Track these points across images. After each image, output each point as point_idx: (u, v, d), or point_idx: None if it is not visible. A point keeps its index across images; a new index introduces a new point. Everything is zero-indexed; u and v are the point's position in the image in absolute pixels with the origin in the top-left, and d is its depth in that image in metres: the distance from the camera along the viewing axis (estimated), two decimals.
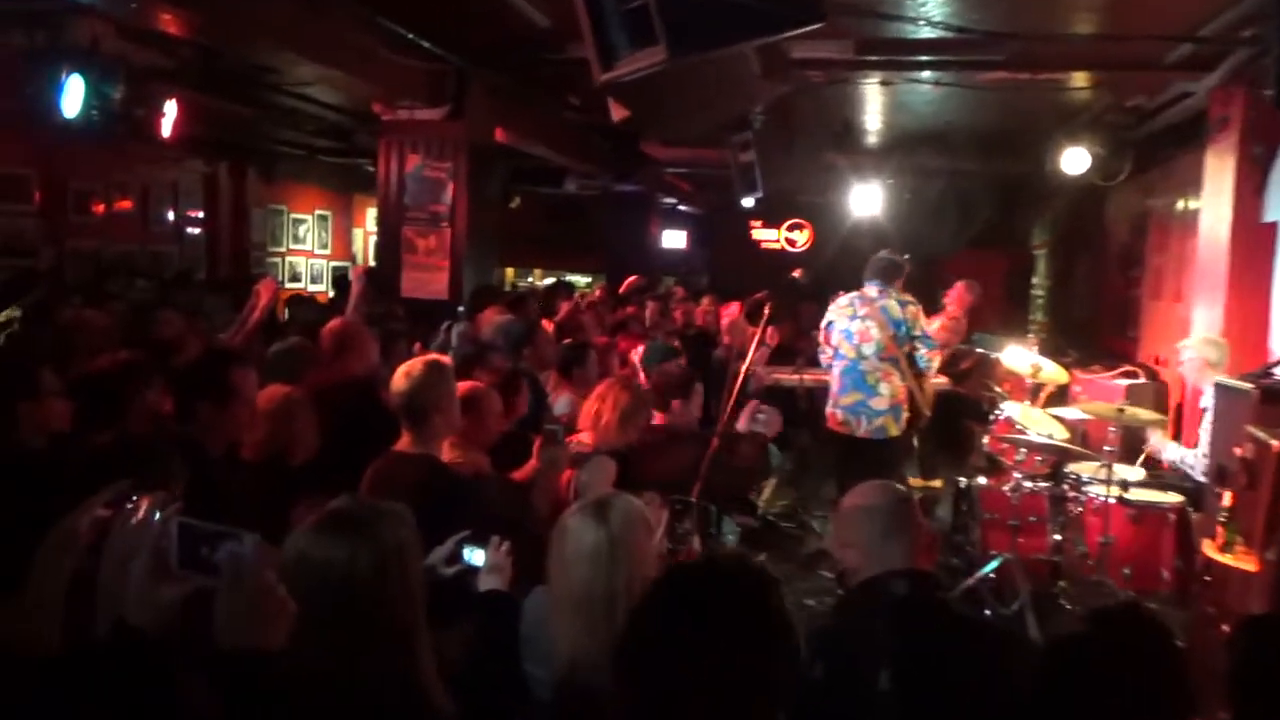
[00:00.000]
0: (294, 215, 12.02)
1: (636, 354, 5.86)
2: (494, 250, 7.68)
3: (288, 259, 12.06)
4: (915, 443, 6.38)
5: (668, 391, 4.21)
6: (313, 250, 12.51)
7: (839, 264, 9.87)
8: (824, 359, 5.99)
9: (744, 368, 3.81)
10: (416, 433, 3.11)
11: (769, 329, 6.25)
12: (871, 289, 5.68)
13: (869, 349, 5.67)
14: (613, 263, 12.76)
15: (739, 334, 6.09)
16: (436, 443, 3.15)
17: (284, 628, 1.51)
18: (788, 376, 6.93)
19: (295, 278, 12.11)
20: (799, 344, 7.24)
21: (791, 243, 14.58)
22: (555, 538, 2.17)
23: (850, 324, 5.76)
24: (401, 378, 3.12)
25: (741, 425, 4.13)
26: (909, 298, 5.66)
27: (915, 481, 6.86)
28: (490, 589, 2.49)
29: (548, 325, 6.03)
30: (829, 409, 5.80)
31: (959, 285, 7.77)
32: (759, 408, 4.11)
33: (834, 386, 5.81)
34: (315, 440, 3.48)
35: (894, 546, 2.27)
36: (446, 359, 3.34)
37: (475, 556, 2.54)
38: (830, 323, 5.88)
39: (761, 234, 14.79)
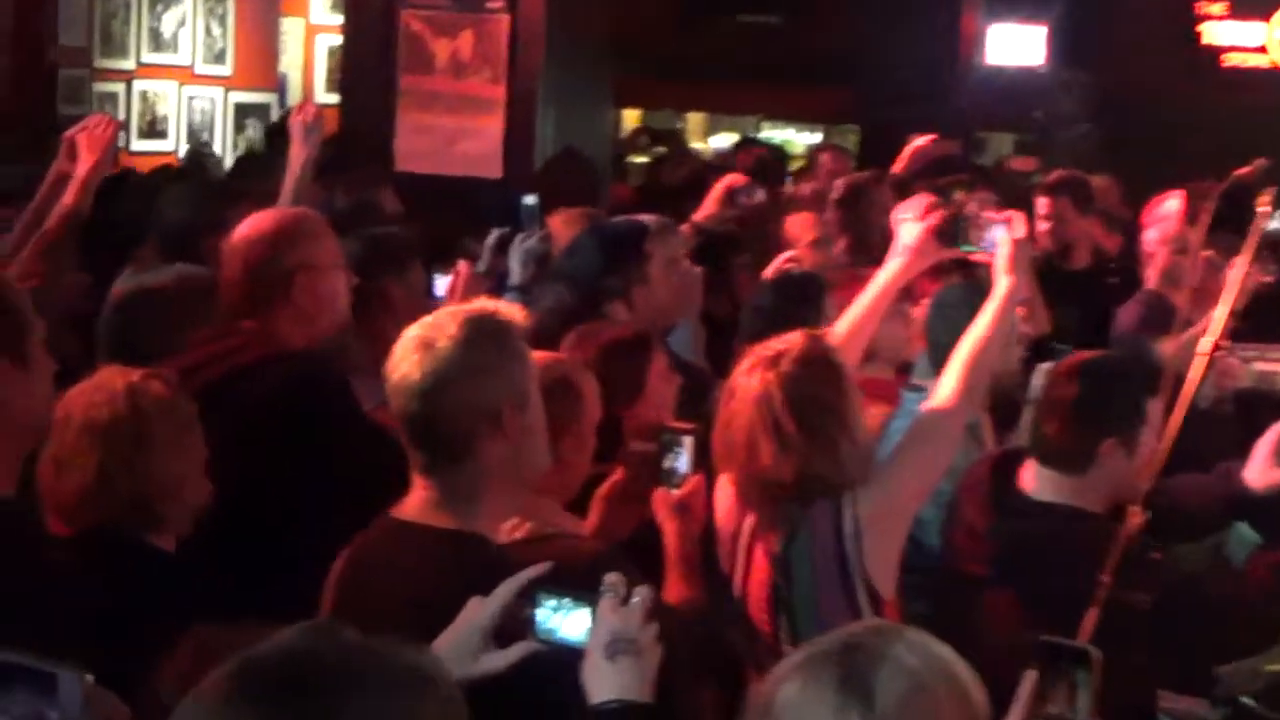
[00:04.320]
0: None
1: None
2: (602, 70, 7.82)
3: (137, 85, 12.47)
4: None
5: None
6: (193, 67, 12.88)
7: None
8: None
9: (1201, 346, 3.79)
10: (445, 482, 3.18)
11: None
12: None
13: None
14: (872, 103, 12.85)
15: (1179, 268, 5.97)
16: (490, 505, 3.22)
17: None
18: None
19: (155, 126, 12.53)
20: None
21: None
22: (752, 713, 2.26)
23: None
24: (410, 358, 3.17)
25: (1258, 478, 4.08)
26: None
27: None
28: (615, 701, 2.60)
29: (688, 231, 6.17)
30: None
31: None
32: None
33: None
34: (206, 489, 3.69)
35: None
36: (514, 312, 3.42)
37: (570, 623, 2.68)
38: None
39: (1223, 32, 14.57)
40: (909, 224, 4.28)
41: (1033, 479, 4.22)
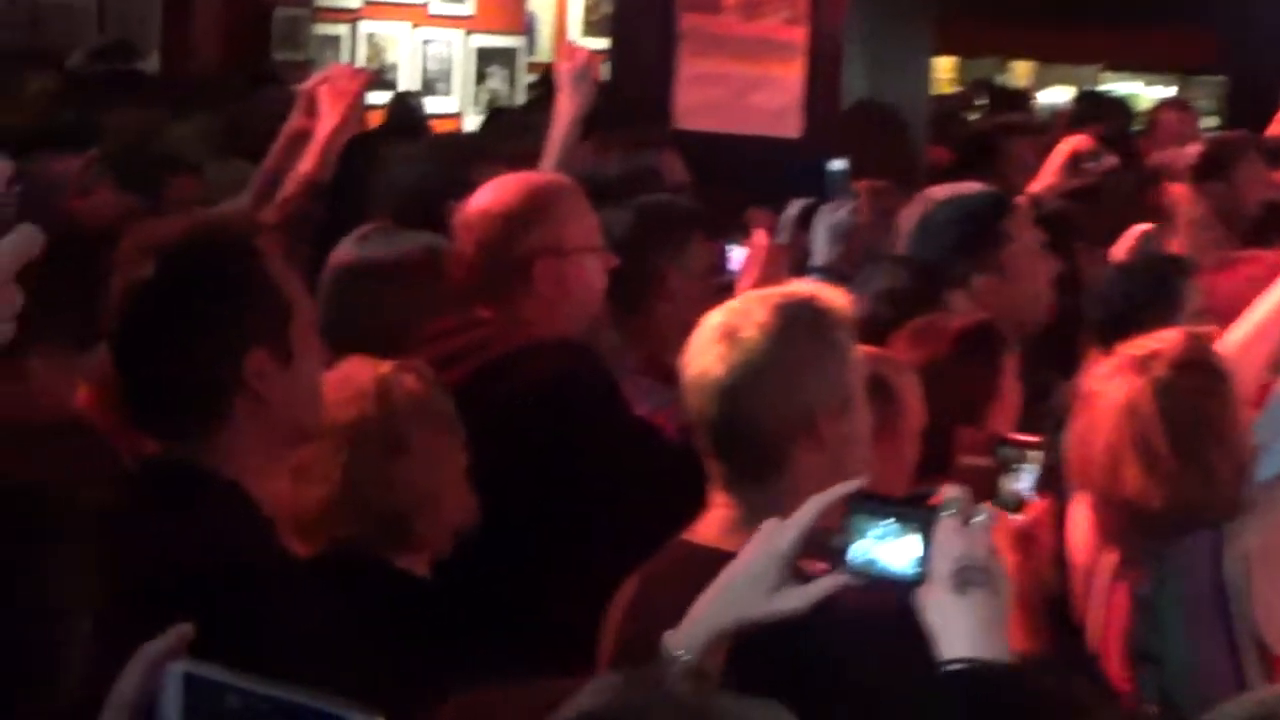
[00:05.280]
0: None
1: None
2: (918, 11, 7.81)
3: (363, 26, 12.68)
4: None
5: None
6: (428, 6, 13.04)
7: None
8: None
9: None
10: (748, 500, 3.16)
11: None
12: None
13: None
14: (1239, 48, 12.93)
15: None
16: None
17: None
18: None
19: (383, 75, 12.31)
20: None
21: None
22: None
23: None
24: (711, 350, 3.17)
25: None
26: None
27: None
28: (977, 662, 2.49)
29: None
30: None
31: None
32: None
33: None
34: (468, 503, 3.71)
35: None
36: (837, 298, 3.39)
37: (893, 550, 2.61)
38: None
39: None
40: None
41: None
